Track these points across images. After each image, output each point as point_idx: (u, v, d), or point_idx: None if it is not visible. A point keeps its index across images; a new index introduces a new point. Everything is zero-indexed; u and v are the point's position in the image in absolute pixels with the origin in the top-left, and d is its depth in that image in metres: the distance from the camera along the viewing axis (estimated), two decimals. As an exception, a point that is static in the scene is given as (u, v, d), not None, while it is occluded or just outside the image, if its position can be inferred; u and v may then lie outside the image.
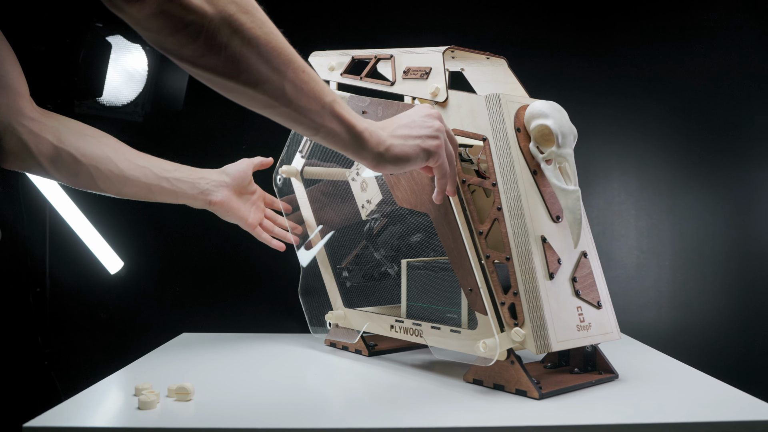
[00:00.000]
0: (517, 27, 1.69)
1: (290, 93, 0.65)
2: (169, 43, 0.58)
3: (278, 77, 0.64)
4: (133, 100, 1.61)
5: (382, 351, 1.10)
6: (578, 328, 0.86)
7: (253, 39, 0.60)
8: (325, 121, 0.69)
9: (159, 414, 0.74)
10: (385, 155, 0.74)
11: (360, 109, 1.01)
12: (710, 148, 1.71)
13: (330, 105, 0.69)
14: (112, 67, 1.54)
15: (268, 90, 0.64)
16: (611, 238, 1.70)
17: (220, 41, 0.58)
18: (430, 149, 0.77)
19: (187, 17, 0.56)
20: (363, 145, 0.73)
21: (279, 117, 0.68)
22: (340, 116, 0.70)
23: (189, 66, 0.61)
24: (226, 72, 0.61)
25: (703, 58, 1.70)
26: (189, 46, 0.58)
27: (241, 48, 0.60)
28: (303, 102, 0.66)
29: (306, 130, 0.70)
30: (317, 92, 0.67)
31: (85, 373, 1.05)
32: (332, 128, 0.70)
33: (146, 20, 0.56)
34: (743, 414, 0.76)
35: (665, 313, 1.69)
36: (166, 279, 1.57)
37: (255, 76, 0.62)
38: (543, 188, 0.88)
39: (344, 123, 0.71)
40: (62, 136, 0.92)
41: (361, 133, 0.72)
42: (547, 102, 0.88)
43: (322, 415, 0.76)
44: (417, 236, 1.14)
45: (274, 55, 0.63)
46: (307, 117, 0.68)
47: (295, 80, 0.65)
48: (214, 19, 0.57)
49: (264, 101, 0.65)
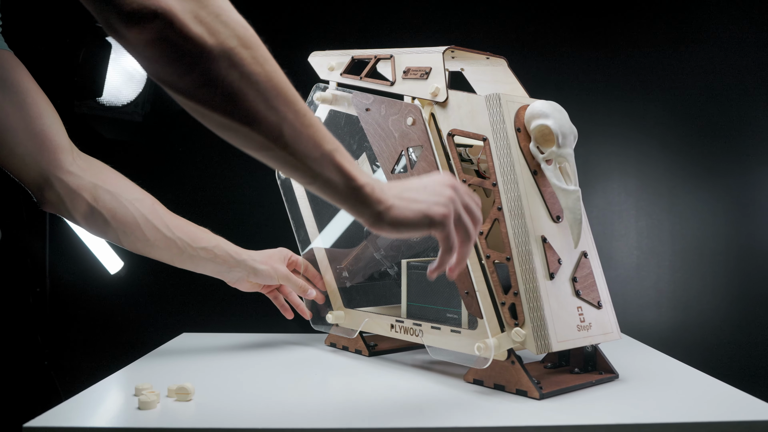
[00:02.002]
0: (517, 27, 1.69)
1: (288, 136, 0.62)
2: (166, 73, 0.57)
3: (276, 117, 0.61)
4: (133, 100, 1.61)
5: (382, 351, 1.10)
6: (578, 328, 0.86)
7: (253, 75, 0.58)
8: (323, 170, 0.64)
9: (159, 414, 0.74)
10: (383, 215, 0.68)
11: (363, 107, 1.01)
12: (710, 148, 1.71)
13: (330, 154, 0.64)
14: (112, 67, 1.54)
15: (264, 130, 0.61)
16: (611, 238, 1.70)
17: (217, 74, 0.57)
18: (434, 217, 0.69)
19: (185, 46, 0.55)
20: (362, 200, 0.67)
21: (275, 161, 0.64)
22: (340, 167, 0.65)
23: (184, 99, 0.59)
24: (221, 107, 0.59)
25: (703, 58, 1.70)
26: (185, 77, 0.56)
27: (239, 83, 0.58)
28: (301, 147, 0.63)
29: (302, 177, 0.66)
30: (318, 138, 0.64)
31: (85, 373, 1.05)
32: (330, 178, 0.65)
33: (144, 47, 0.55)
34: (743, 414, 0.76)
35: (665, 313, 1.69)
36: (166, 279, 1.57)
37: (251, 113, 0.59)
38: (543, 188, 0.88)
39: (344, 174, 0.65)
40: (98, 195, 0.94)
41: (361, 187, 0.66)
42: (547, 102, 0.88)
43: (322, 415, 0.76)
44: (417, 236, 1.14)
45: (274, 94, 0.60)
46: (304, 163, 0.64)
47: (295, 123, 0.62)
48: (213, 50, 0.56)
49: (260, 142, 0.62)
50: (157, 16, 0.54)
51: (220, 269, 1.07)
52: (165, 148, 1.72)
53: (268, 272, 1.10)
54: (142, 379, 0.88)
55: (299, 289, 1.13)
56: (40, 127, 0.90)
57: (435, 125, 0.93)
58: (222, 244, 1.06)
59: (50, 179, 0.91)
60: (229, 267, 1.07)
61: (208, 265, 1.06)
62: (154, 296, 1.57)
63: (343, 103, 1.08)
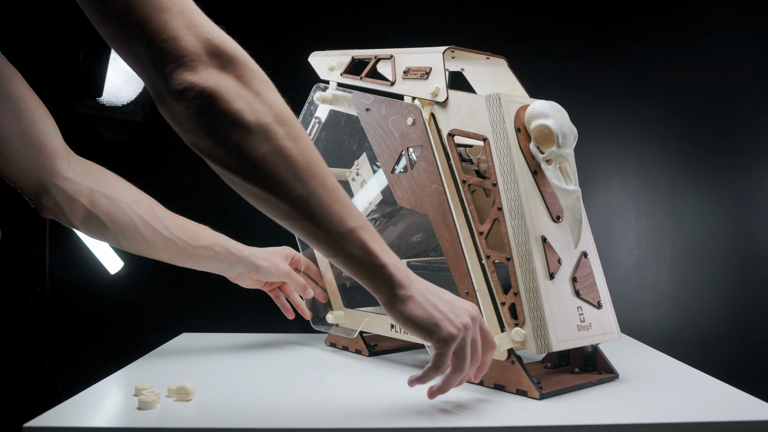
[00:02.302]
0: (517, 27, 1.69)
1: (315, 209, 0.65)
2: (204, 143, 0.62)
3: (305, 190, 0.64)
4: (133, 100, 1.61)
5: (382, 351, 1.10)
6: (578, 328, 0.86)
7: (284, 149, 0.63)
8: (346, 245, 0.67)
9: (159, 414, 0.74)
10: (400, 301, 0.70)
11: (364, 107, 1.01)
12: (710, 148, 1.71)
13: (355, 230, 0.67)
14: (112, 67, 1.54)
15: (293, 201, 0.64)
16: (611, 238, 1.70)
17: (251, 146, 0.61)
18: (443, 330, 0.70)
19: (225, 120, 0.60)
20: (381, 278, 0.69)
21: (301, 231, 0.67)
22: (364, 243, 0.68)
23: (218, 167, 0.63)
24: (252, 177, 0.63)
25: (703, 58, 1.70)
26: (221, 148, 0.61)
27: (271, 155, 0.62)
28: (326, 220, 0.66)
29: (326, 249, 0.68)
30: (344, 214, 0.67)
31: (85, 373, 1.05)
32: (353, 253, 0.68)
33: (188, 120, 0.60)
34: (743, 414, 0.76)
35: (665, 313, 1.69)
36: (166, 279, 1.57)
37: (280, 184, 0.63)
38: (543, 188, 0.88)
39: (366, 251, 0.68)
40: (95, 199, 0.93)
41: (383, 266, 0.69)
42: (548, 102, 0.88)
43: (322, 415, 0.76)
44: (417, 236, 1.14)
45: (304, 167, 0.64)
46: (328, 236, 0.66)
47: (322, 196, 0.65)
48: (250, 125, 0.61)
49: (287, 212, 0.65)
50: (204, 93, 0.59)
51: (221, 266, 1.07)
52: (165, 148, 1.72)
53: (270, 269, 1.10)
54: (142, 379, 0.88)
55: (300, 287, 1.13)
56: (36, 133, 0.89)
57: (435, 125, 0.93)
58: (222, 241, 1.06)
59: (47, 186, 0.91)
60: (231, 264, 1.07)
61: (210, 263, 1.06)
62: (154, 296, 1.57)
63: (344, 103, 1.08)
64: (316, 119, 1.13)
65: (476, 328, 0.74)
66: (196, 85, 0.59)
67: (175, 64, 0.59)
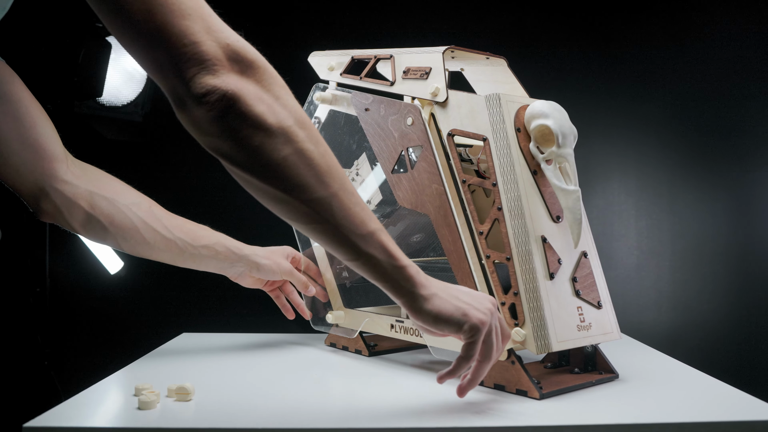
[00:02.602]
0: (517, 27, 1.69)
1: (336, 210, 0.65)
2: (226, 147, 0.61)
3: (326, 192, 0.64)
4: (133, 100, 1.61)
5: (382, 351, 1.10)
6: (578, 328, 0.86)
7: (306, 151, 0.63)
8: (368, 248, 0.67)
9: (159, 414, 0.74)
10: (425, 301, 0.71)
11: (363, 107, 1.01)
12: (710, 148, 1.71)
13: (376, 233, 0.68)
14: (112, 67, 1.54)
15: (313, 202, 0.64)
16: (611, 238, 1.70)
17: (273, 148, 0.61)
18: (472, 319, 0.71)
19: (247, 123, 0.60)
20: (405, 279, 0.70)
21: (321, 234, 0.67)
22: (385, 246, 0.68)
23: (238, 170, 0.63)
24: (273, 179, 0.63)
25: (703, 58, 1.70)
26: (242, 151, 0.61)
27: (293, 157, 0.62)
28: (348, 222, 0.66)
29: (346, 252, 0.68)
30: (364, 217, 0.67)
31: (85, 373, 1.05)
32: (374, 256, 0.68)
33: (209, 123, 0.60)
34: (743, 414, 0.76)
35: (665, 313, 1.69)
36: (166, 279, 1.57)
37: (302, 186, 0.63)
38: (543, 188, 0.88)
39: (388, 253, 0.69)
40: (94, 202, 0.93)
41: (405, 267, 0.70)
42: (547, 102, 0.88)
43: (322, 415, 0.76)
44: (417, 236, 1.14)
45: (325, 169, 0.64)
46: (349, 239, 0.67)
47: (343, 199, 0.65)
48: (272, 127, 0.61)
49: (308, 214, 0.65)
50: (226, 96, 0.59)
51: (222, 265, 1.07)
52: (165, 148, 1.72)
53: (271, 267, 1.10)
54: (142, 379, 0.88)
55: (301, 285, 1.13)
56: (35, 136, 0.89)
57: (435, 125, 0.93)
58: (223, 240, 1.06)
59: (46, 189, 0.91)
60: (232, 263, 1.07)
61: (211, 263, 1.06)
62: (154, 296, 1.57)
63: (343, 103, 1.08)
64: (315, 119, 1.13)
65: (498, 313, 0.76)
66: (218, 88, 0.59)
67: (197, 68, 0.59)
